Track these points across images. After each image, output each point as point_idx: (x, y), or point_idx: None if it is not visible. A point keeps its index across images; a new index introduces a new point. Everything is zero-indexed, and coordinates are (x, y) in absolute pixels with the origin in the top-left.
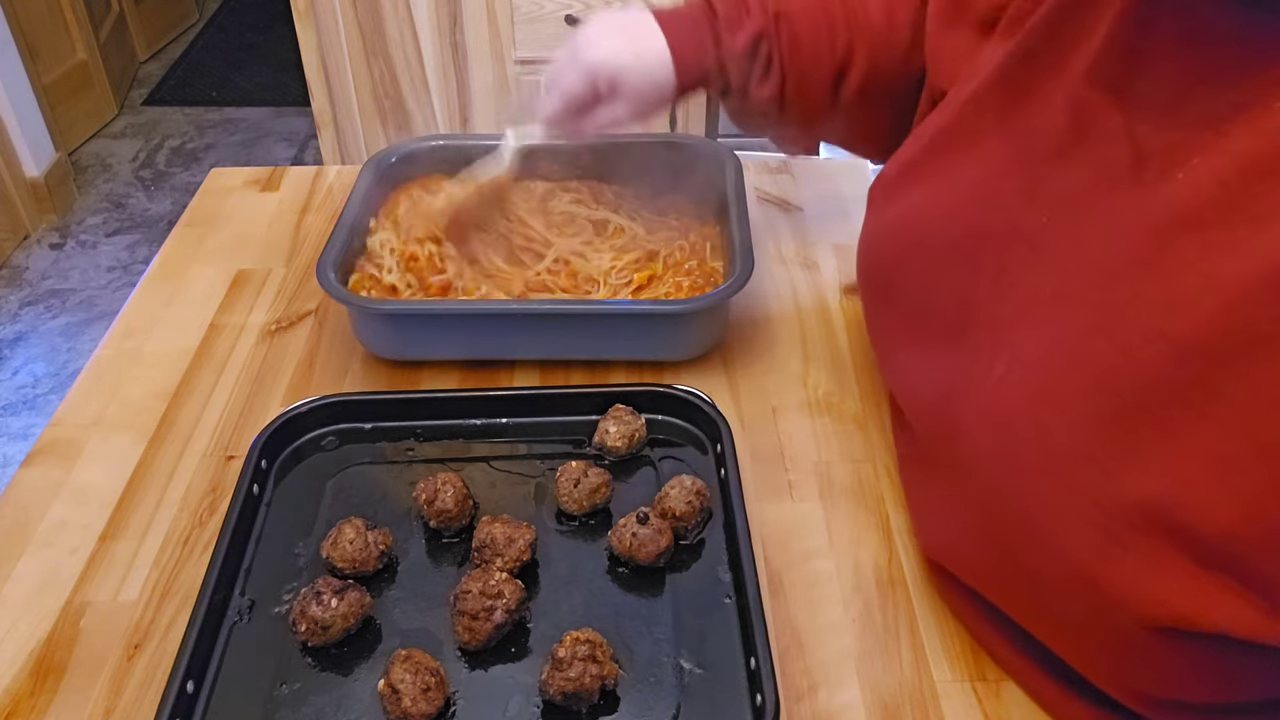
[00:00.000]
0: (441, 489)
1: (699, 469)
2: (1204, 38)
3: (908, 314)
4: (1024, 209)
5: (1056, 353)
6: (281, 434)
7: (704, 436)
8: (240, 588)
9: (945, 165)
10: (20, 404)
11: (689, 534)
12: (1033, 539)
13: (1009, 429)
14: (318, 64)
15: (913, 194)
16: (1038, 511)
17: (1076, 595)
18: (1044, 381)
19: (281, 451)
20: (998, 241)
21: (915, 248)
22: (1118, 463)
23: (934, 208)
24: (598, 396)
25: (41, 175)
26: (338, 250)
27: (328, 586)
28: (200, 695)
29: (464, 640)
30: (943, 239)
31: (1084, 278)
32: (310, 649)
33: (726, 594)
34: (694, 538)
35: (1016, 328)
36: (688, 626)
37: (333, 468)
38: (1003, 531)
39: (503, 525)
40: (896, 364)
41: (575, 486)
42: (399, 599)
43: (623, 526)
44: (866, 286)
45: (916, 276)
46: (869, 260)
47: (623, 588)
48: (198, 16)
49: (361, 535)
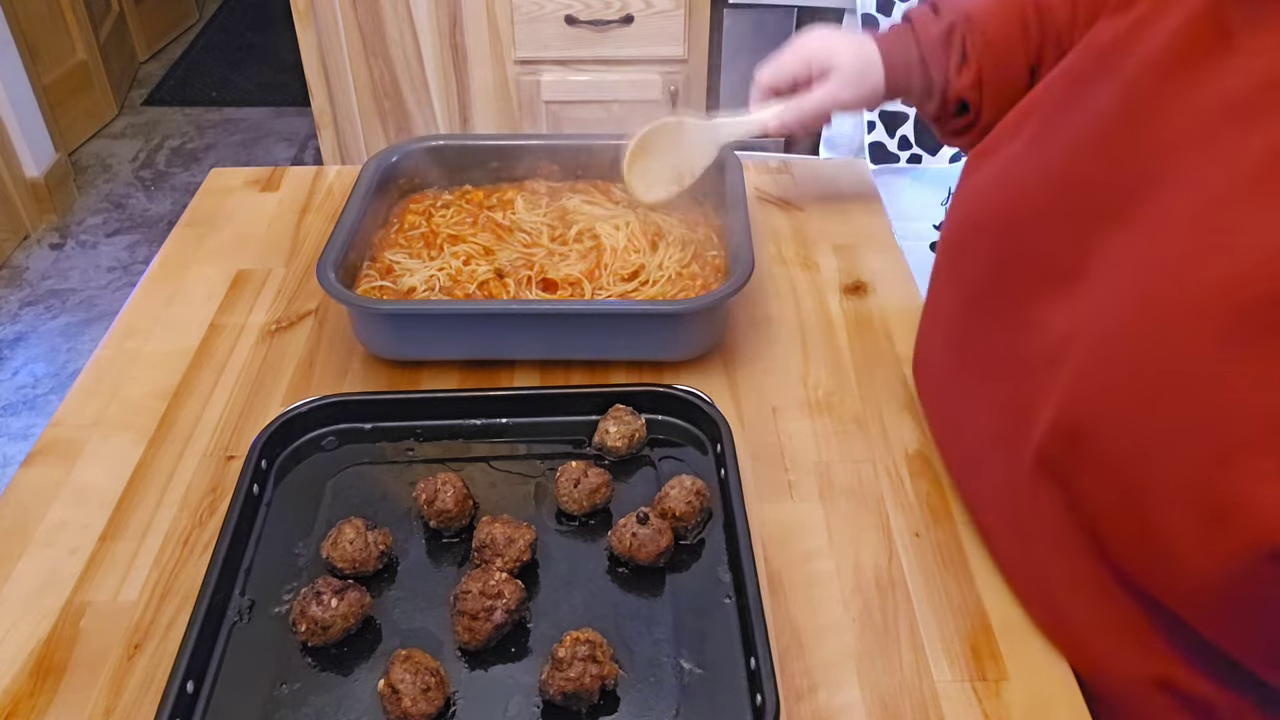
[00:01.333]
0: (441, 489)
1: (699, 469)
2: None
3: (1025, 267)
4: (1134, 150)
5: (1171, 275)
6: (281, 434)
7: (704, 436)
8: (240, 588)
9: (1056, 114)
10: (20, 404)
11: (689, 534)
12: (1149, 470)
13: (1123, 351)
14: (317, 64)
15: (1015, 147)
16: (1155, 439)
17: (1194, 525)
18: (1160, 301)
19: (281, 451)
20: (1111, 183)
21: (1025, 197)
22: (1239, 376)
23: (1042, 157)
24: (598, 396)
25: (41, 175)
26: (338, 250)
27: (327, 586)
28: (200, 695)
29: (464, 640)
30: (1058, 183)
31: (1196, 205)
32: (310, 649)
33: (726, 594)
34: (694, 538)
35: (1132, 266)
36: (688, 626)
37: (333, 468)
38: (1121, 473)
39: (503, 525)
40: (1004, 329)
41: (575, 486)
42: (399, 599)
43: (623, 526)
44: (965, 248)
45: (1028, 227)
46: (975, 216)
47: (623, 588)
48: (198, 16)
49: (361, 535)
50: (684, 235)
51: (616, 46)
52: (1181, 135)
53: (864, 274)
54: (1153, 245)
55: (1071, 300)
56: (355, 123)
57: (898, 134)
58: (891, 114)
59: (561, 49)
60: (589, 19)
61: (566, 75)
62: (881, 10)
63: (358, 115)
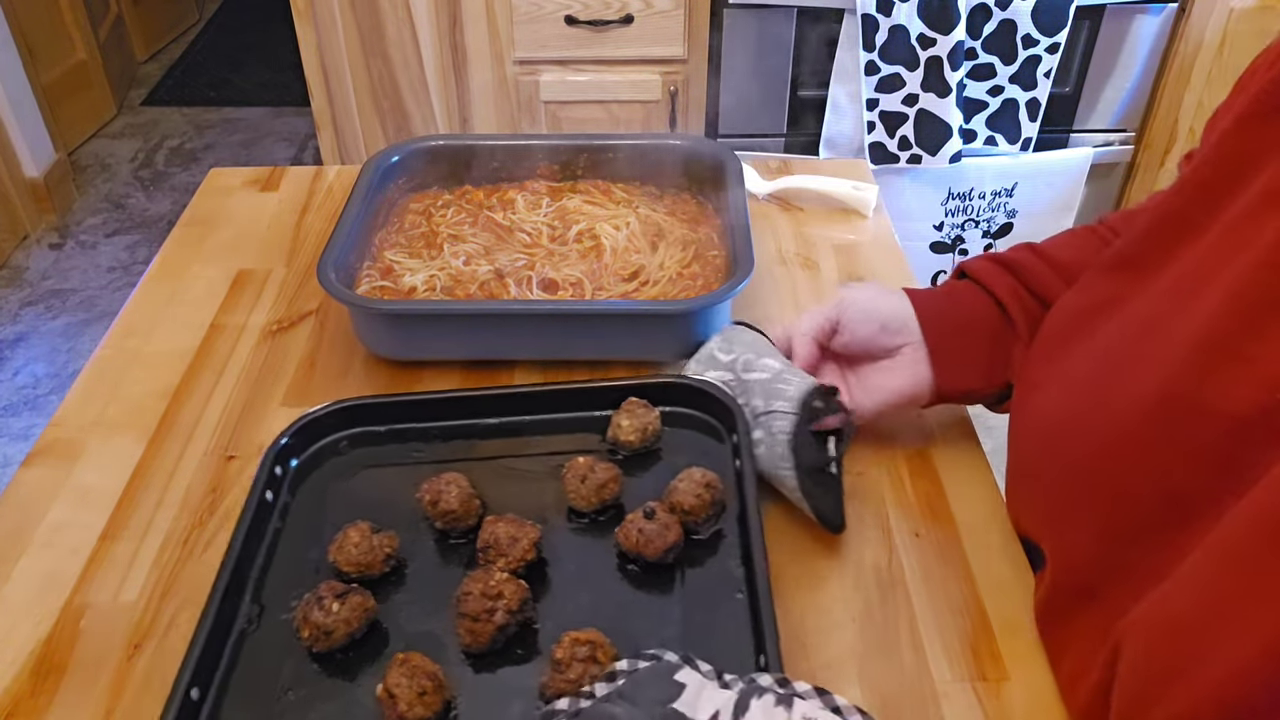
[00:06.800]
0: (445, 489)
1: (715, 461)
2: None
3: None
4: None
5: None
6: (297, 439)
7: (720, 426)
8: (251, 594)
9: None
10: (20, 404)
11: (701, 528)
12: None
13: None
14: (317, 64)
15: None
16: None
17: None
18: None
19: (295, 456)
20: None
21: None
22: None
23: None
24: (612, 391)
25: (41, 175)
26: (338, 250)
27: (330, 591)
28: (205, 702)
29: (467, 643)
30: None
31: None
32: (316, 655)
33: (738, 589)
34: (707, 532)
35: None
36: (697, 622)
37: (345, 471)
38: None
39: (506, 524)
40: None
41: (583, 482)
42: (406, 602)
43: (629, 522)
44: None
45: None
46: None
47: (632, 585)
48: (197, 17)
49: (367, 538)
50: (684, 235)
51: (616, 46)
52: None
53: (864, 274)
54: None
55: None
56: (355, 123)
57: (898, 134)
58: (891, 114)
59: (561, 49)
60: (589, 19)
61: (566, 75)
62: (881, 10)
63: (357, 115)
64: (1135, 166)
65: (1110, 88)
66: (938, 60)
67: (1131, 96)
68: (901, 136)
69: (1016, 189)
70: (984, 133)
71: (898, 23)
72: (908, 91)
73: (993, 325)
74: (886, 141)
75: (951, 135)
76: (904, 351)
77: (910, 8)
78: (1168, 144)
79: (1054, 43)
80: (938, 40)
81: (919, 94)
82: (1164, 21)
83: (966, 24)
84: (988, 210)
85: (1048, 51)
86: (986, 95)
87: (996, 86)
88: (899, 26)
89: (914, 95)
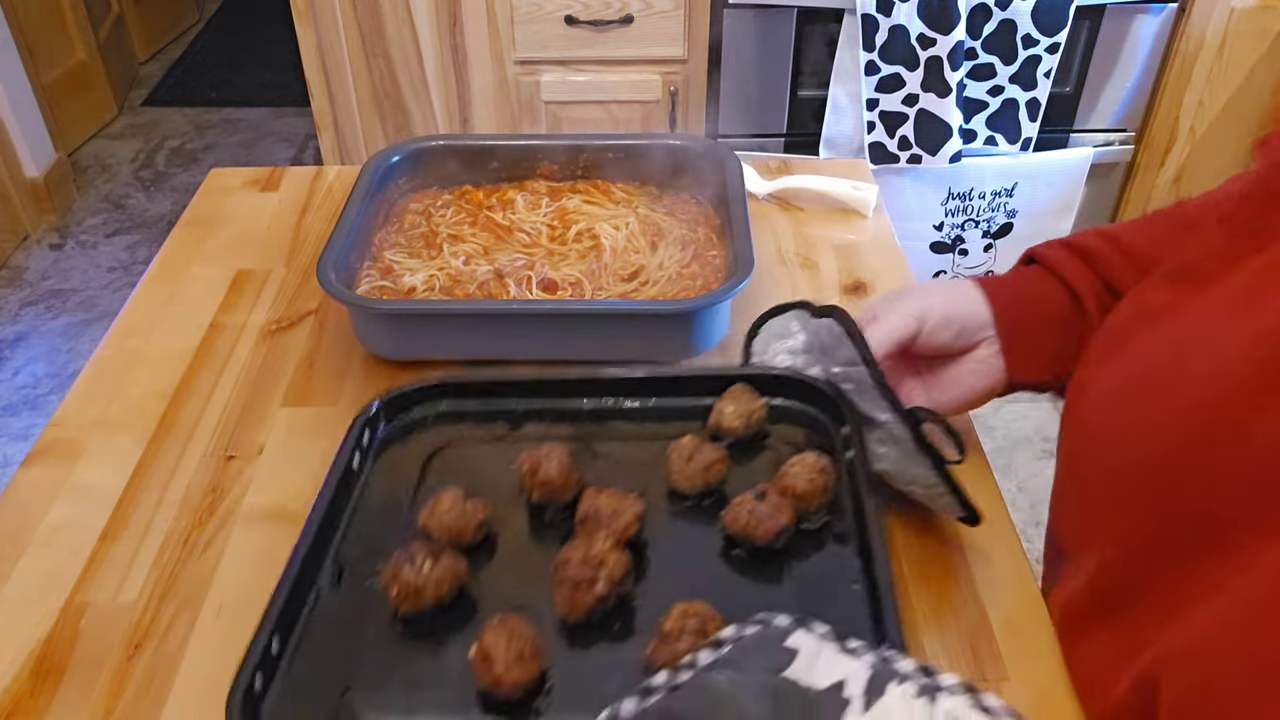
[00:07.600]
0: (546, 458)
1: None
2: None
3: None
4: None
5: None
6: (388, 409)
7: (826, 419)
8: (332, 556)
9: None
10: (20, 404)
11: (812, 516)
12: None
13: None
14: (317, 64)
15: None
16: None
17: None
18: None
19: (384, 425)
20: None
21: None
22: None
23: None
24: (714, 380)
25: (41, 176)
26: (338, 250)
27: (422, 549)
28: (282, 658)
29: (564, 612)
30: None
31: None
32: (401, 618)
33: (854, 580)
34: (818, 521)
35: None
36: (810, 613)
37: (434, 446)
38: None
39: (609, 497)
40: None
41: (688, 462)
42: (496, 573)
43: (738, 504)
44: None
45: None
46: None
47: (738, 571)
48: (197, 17)
49: (460, 503)
50: (684, 235)
51: (616, 47)
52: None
53: (864, 274)
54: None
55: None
56: (355, 123)
57: (898, 134)
58: (891, 114)
59: (561, 49)
60: (589, 19)
61: (566, 75)
62: (881, 10)
63: (357, 115)
64: (1136, 166)
65: (1110, 88)
66: (938, 60)
67: (1132, 96)
68: (901, 136)
69: (1016, 189)
70: (984, 133)
71: (898, 23)
72: (908, 91)
73: (1065, 315)
74: (886, 141)
75: (951, 135)
76: (980, 348)
77: (910, 8)
78: (1168, 144)
79: (1054, 43)
80: (938, 40)
81: (919, 94)
82: (1164, 21)
83: (966, 24)
84: (988, 210)
85: (1048, 51)
86: (986, 95)
87: (996, 86)
88: (899, 26)
89: (914, 95)
